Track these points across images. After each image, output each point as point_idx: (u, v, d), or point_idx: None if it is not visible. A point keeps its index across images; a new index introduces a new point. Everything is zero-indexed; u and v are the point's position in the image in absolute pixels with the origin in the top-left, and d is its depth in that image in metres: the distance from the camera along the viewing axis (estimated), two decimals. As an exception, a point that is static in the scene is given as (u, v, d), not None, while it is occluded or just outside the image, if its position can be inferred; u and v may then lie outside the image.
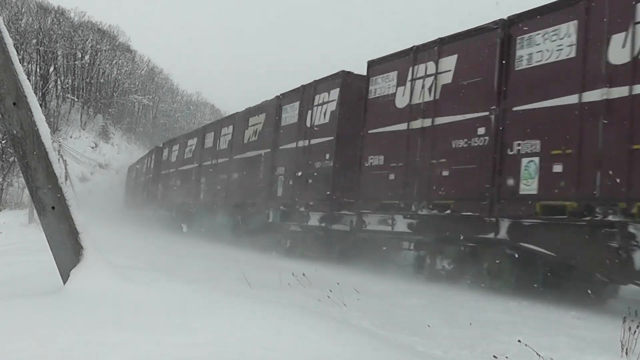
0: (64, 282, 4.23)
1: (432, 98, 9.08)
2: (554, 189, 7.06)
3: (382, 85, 10.20)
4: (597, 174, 6.59)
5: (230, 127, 17.00)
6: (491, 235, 7.82)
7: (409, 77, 9.58)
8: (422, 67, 9.34)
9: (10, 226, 20.86)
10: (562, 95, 7.09)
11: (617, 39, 6.55)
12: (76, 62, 56.81)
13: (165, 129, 64.07)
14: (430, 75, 9.15)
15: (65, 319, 3.37)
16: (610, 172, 6.43)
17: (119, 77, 62.51)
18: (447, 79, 8.84)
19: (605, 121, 6.53)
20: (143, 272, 5.46)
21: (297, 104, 12.95)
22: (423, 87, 9.24)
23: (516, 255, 7.59)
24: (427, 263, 9.09)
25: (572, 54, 7.06)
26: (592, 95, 6.72)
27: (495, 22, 8.17)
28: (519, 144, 7.57)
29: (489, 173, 7.91)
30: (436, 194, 8.78)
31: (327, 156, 11.52)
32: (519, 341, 4.13)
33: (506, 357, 3.99)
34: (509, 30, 7.93)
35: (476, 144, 8.20)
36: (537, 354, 3.90)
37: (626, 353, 4.23)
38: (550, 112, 7.22)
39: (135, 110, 66.19)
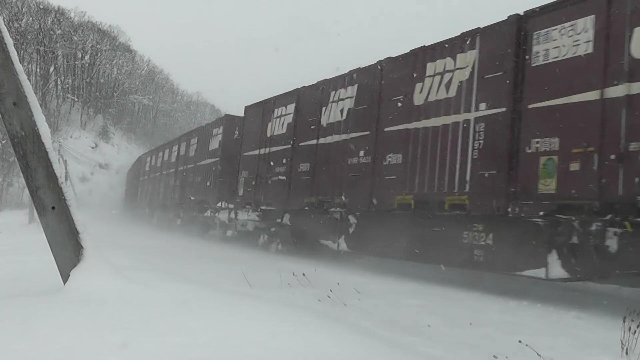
0: (64, 282, 4.23)
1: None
2: None
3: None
4: None
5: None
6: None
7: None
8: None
9: (10, 226, 20.87)
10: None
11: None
12: (76, 62, 56.81)
13: (166, 129, 64.06)
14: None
15: (65, 319, 3.37)
16: None
17: (119, 77, 62.51)
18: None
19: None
20: (143, 272, 5.46)
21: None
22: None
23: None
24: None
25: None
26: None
27: None
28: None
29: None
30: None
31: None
32: (520, 341, 4.13)
33: (506, 357, 3.98)
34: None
35: None
36: (537, 354, 3.90)
37: (626, 353, 4.23)
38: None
39: (136, 110, 66.19)
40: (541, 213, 6.87)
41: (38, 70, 51.99)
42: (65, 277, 4.26)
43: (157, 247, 12.81)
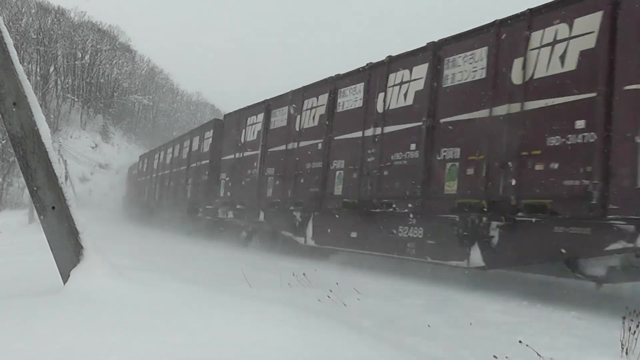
0: (64, 282, 4.23)
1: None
2: None
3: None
4: None
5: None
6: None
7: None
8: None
9: (10, 226, 20.88)
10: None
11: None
12: (76, 62, 56.81)
13: (166, 129, 64.07)
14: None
15: (65, 319, 3.37)
16: None
17: (119, 77, 62.52)
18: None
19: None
20: (143, 272, 5.47)
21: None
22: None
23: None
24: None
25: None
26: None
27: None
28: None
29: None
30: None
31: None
32: (520, 341, 4.13)
33: (506, 357, 3.98)
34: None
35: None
36: (537, 354, 3.90)
37: (626, 353, 4.23)
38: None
39: (136, 110, 66.20)
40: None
41: (38, 70, 51.97)
42: (65, 277, 4.26)
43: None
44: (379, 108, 9.84)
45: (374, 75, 10.12)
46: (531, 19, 7.37)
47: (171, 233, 19.73)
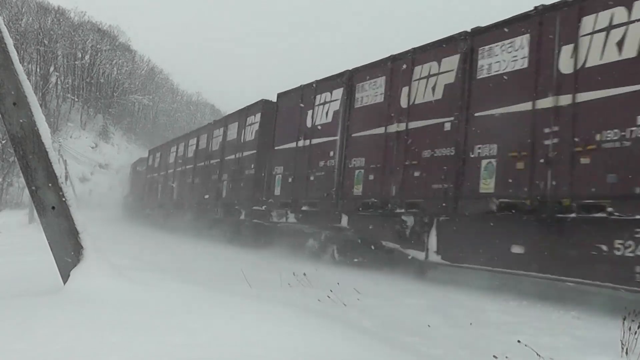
0: (64, 282, 4.23)
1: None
2: None
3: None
4: None
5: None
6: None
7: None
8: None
9: (10, 226, 20.87)
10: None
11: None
12: (76, 62, 56.81)
13: (166, 129, 64.09)
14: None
15: (65, 319, 3.37)
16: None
17: (119, 77, 62.54)
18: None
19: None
20: (143, 272, 5.47)
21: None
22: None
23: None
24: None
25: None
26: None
27: None
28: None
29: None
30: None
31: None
32: (519, 341, 4.13)
33: (506, 357, 3.98)
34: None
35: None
36: (537, 354, 3.90)
37: (626, 353, 4.23)
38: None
39: (136, 110, 66.22)
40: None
41: (38, 70, 51.99)
42: (65, 277, 4.26)
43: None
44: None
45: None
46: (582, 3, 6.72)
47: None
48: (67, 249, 4.30)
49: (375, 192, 9.83)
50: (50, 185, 4.32)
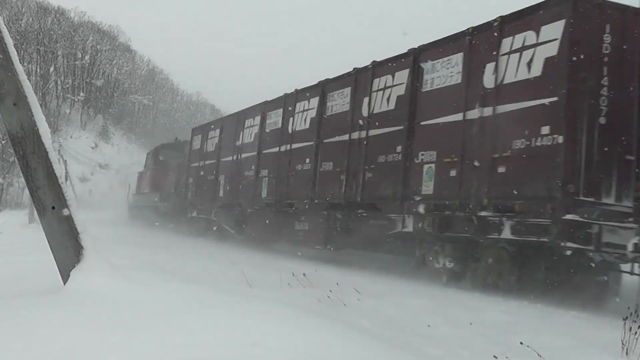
0: (64, 282, 4.23)
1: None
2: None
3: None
4: None
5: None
6: None
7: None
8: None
9: (10, 226, 20.86)
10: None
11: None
12: (76, 62, 56.81)
13: (166, 129, 64.07)
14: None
15: (65, 319, 3.37)
16: None
17: (119, 77, 62.52)
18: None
19: None
20: (143, 272, 5.46)
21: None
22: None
23: None
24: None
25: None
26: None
27: None
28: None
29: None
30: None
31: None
32: (521, 343, 4.13)
33: (506, 357, 3.98)
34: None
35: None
36: (537, 354, 3.90)
37: (626, 353, 4.23)
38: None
39: (136, 110, 66.19)
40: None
41: (38, 70, 51.96)
42: (65, 277, 4.26)
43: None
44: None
45: None
46: None
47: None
48: (67, 249, 4.30)
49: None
50: (50, 185, 4.32)
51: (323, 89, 11.80)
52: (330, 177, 11.31)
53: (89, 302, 3.74)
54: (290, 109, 13.08)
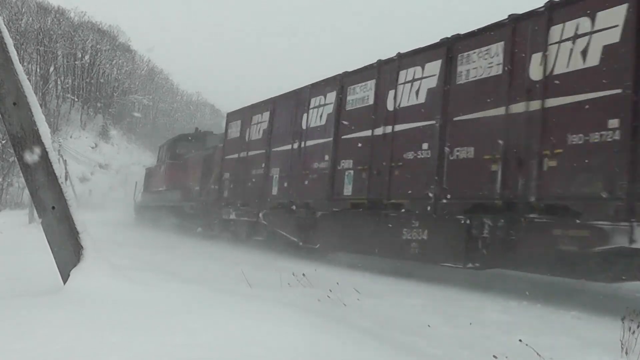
0: (64, 282, 4.23)
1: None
2: None
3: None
4: None
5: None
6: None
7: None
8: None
9: (10, 226, 20.86)
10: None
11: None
12: (76, 62, 56.83)
13: (166, 129, 64.12)
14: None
15: (65, 319, 3.38)
16: None
17: (119, 77, 62.57)
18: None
19: None
20: (143, 272, 5.47)
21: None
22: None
23: None
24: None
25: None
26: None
27: None
28: None
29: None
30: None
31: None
32: (520, 341, 4.13)
33: (506, 357, 3.98)
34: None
35: None
36: (537, 354, 3.90)
37: (626, 353, 4.23)
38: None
39: (135, 110, 66.26)
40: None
41: (38, 70, 51.99)
42: (65, 277, 4.26)
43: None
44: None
45: None
46: None
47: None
48: (67, 249, 4.31)
49: None
50: (50, 185, 4.32)
51: (449, 46, 8.76)
52: (469, 167, 8.04)
53: (89, 302, 3.74)
54: (390, 77, 9.76)
